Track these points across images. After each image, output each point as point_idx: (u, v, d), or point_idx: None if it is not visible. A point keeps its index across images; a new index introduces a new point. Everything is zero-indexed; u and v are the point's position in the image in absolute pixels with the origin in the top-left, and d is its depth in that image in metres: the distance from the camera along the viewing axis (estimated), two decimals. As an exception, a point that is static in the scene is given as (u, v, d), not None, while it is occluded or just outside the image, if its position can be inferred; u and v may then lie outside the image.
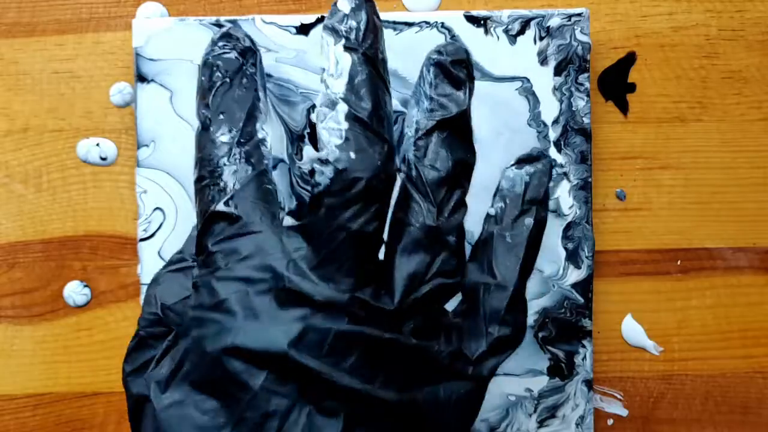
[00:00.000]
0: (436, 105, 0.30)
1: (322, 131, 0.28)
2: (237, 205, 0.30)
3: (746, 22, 0.40)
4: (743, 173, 0.41)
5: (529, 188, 0.31)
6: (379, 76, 0.29)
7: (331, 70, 0.29)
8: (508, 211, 0.31)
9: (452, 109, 0.30)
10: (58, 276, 0.41)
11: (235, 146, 0.30)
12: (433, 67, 0.30)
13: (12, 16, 0.41)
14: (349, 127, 0.28)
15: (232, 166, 0.30)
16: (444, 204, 0.29)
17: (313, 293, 0.28)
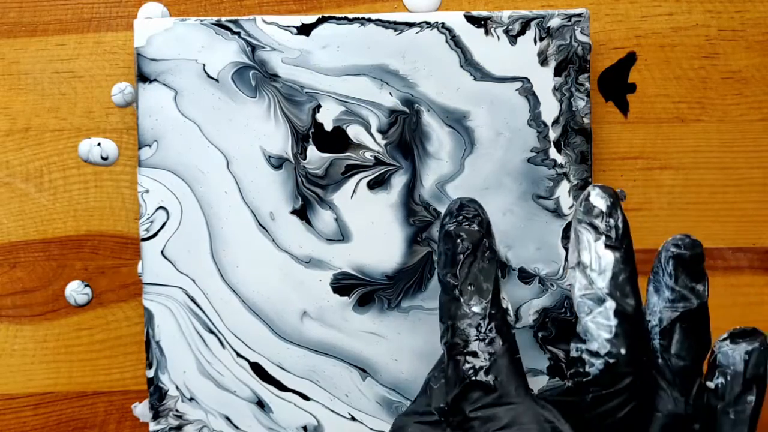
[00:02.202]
0: (677, 296, 0.32)
1: (590, 324, 0.30)
2: (495, 376, 0.32)
3: (746, 22, 0.40)
4: (743, 173, 0.41)
5: (749, 366, 0.32)
6: (636, 272, 0.31)
7: (593, 266, 0.31)
8: (730, 388, 0.32)
9: (694, 302, 0.32)
10: (59, 275, 0.41)
11: (488, 317, 0.32)
12: (673, 259, 0.32)
13: (13, 16, 0.41)
14: (618, 324, 0.30)
15: (486, 338, 0.32)
16: (689, 392, 0.31)
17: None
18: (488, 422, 0.31)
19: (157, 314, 0.39)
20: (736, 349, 0.32)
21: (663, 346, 0.31)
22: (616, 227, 0.31)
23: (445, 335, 0.33)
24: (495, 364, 0.32)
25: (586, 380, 0.30)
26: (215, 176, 0.39)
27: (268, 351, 0.39)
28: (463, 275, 0.33)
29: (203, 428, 0.40)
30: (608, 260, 0.30)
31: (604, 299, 0.30)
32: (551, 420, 0.30)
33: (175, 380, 0.40)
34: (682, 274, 0.32)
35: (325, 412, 0.40)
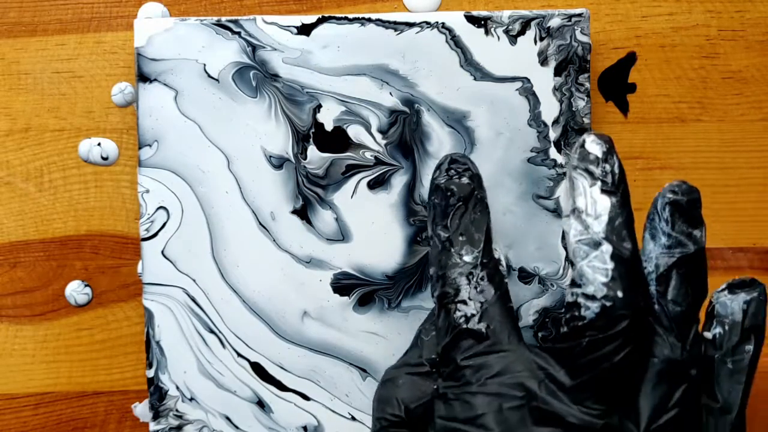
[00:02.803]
0: (674, 242, 0.31)
1: (586, 268, 0.30)
2: (487, 324, 0.32)
3: (746, 22, 0.40)
4: (743, 173, 0.41)
5: (747, 316, 0.32)
6: (632, 217, 0.31)
7: (589, 210, 0.30)
8: (728, 337, 0.32)
9: (691, 247, 0.31)
10: (59, 275, 0.41)
11: (479, 267, 0.32)
12: (669, 205, 0.32)
13: (13, 15, 0.41)
14: (614, 267, 0.29)
15: (477, 286, 0.32)
16: (686, 338, 0.31)
17: (568, 416, 0.29)
18: (480, 370, 0.31)
19: (157, 314, 0.39)
20: (734, 299, 0.32)
21: (659, 292, 0.31)
22: (612, 172, 0.30)
23: (436, 285, 0.33)
24: (487, 312, 0.32)
25: (582, 324, 0.30)
26: (216, 176, 0.39)
27: (268, 351, 0.40)
28: (454, 226, 0.33)
29: (203, 428, 0.40)
30: (604, 205, 0.30)
31: (600, 243, 0.30)
32: (545, 367, 0.30)
33: (175, 380, 0.40)
34: (679, 219, 0.31)
35: (325, 412, 0.40)
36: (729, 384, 0.32)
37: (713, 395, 0.32)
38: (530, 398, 0.30)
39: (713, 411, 0.32)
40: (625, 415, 0.30)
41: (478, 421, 0.30)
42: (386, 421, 0.33)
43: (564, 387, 0.30)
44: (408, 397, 0.33)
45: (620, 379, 0.30)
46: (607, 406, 0.29)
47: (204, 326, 0.39)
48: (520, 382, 0.30)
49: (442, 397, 0.32)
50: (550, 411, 0.29)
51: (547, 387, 0.30)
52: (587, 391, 0.29)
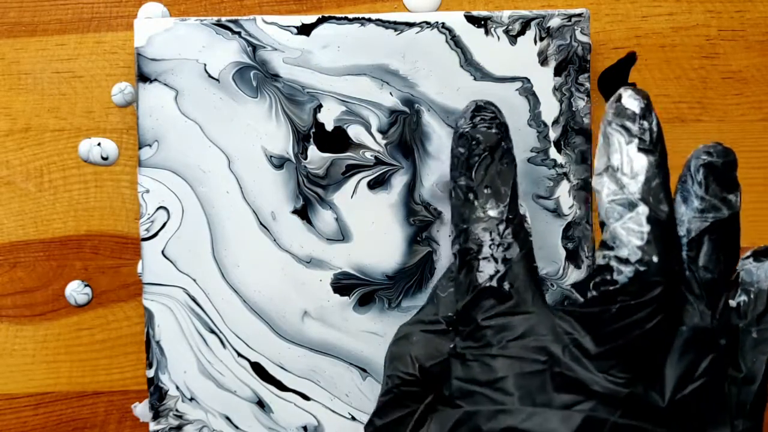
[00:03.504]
0: (707, 206, 0.30)
1: (620, 230, 0.28)
2: (510, 283, 0.30)
3: (746, 22, 0.40)
4: (743, 173, 0.41)
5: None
6: (669, 178, 0.30)
7: (625, 169, 0.29)
8: (753, 306, 0.31)
9: (724, 212, 0.30)
10: (59, 275, 0.41)
11: (504, 222, 0.31)
12: (703, 167, 0.31)
13: (13, 15, 0.41)
14: (650, 230, 0.28)
15: (502, 243, 0.31)
16: (716, 306, 0.30)
17: (592, 384, 0.28)
18: (502, 332, 0.29)
19: (157, 314, 0.39)
20: (760, 266, 0.31)
21: (691, 257, 0.30)
22: (651, 129, 0.29)
23: (457, 240, 0.31)
24: (510, 271, 0.30)
25: (614, 289, 0.28)
26: (216, 176, 0.39)
27: (268, 351, 0.40)
28: (479, 178, 0.31)
29: (203, 428, 0.40)
30: (641, 164, 0.29)
31: (636, 204, 0.28)
32: (570, 332, 0.29)
33: (175, 380, 0.40)
34: (713, 182, 0.30)
35: (325, 412, 0.40)
36: (753, 354, 0.30)
37: (737, 365, 0.30)
38: (553, 363, 0.28)
39: (736, 381, 0.30)
40: (650, 385, 0.29)
41: (498, 384, 0.29)
42: (398, 379, 0.32)
43: (589, 354, 0.28)
44: (423, 355, 0.32)
45: (649, 347, 0.28)
46: (632, 374, 0.28)
47: (204, 326, 0.39)
48: (544, 346, 0.29)
49: (459, 357, 0.30)
50: (573, 378, 0.28)
51: (571, 353, 0.28)
52: (613, 359, 0.28)
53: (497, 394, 0.29)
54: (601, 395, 0.28)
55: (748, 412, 0.30)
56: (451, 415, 0.30)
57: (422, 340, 0.32)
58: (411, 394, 0.31)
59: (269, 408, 0.40)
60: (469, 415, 0.29)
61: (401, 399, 0.32)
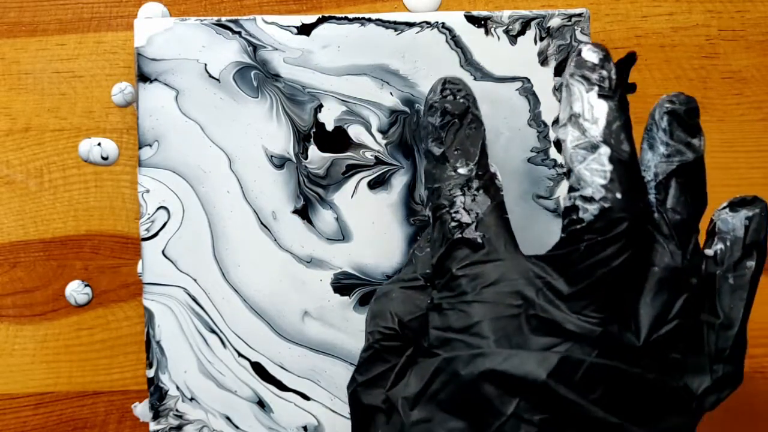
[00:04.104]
0: (673, 151, 0.31)
1: (584, 171, 0.29)
2: (482, 233, 0.31)
3: (746, 22, 0.41)
4: (743, 173, 0.41)
5: (749, 232, 0.32)
6: (630, 122, 0.30)
7: (586, 115, 0.30)
8: (729, 253, 0.32)
9: (689, 155, 0.31)
10: (59, 275, 0.41)
11: (474, 178, 0.32)
12: (667, 115, 0.31)
13: (14, 15, 0.41)
14: (613, 169, 0.29)
15: (472, 196, 0.32)
16: (686, 246, 0.30)
17: (566, 323, 0.28)
18: (476, 279, 0.30)
19: (157, 314, 0.39)
20: (735, 216, 0.32)
21: (659, 200, 0.31)
22: (609, 77, 0.30)
23: (431, 198, 0.33)
24: (482, 222, 0.31)
25: (580, 227, 0.29)
26: (217, 176, 0.39)
27: (269, 350, 0.40)
28: (449, 141, 0.32)
29: (203, 428, 0.40)
30: (602, 109, 0.30)
31: (597, 146, 0.29)
32: (542, 275, 0.29)
33: (175, 380, 0.40)
34: (678, 128, 0.31)
35: (325, 412, 0.40)
36: (730, 299, 0.31)
37: (714, 311, 0.31)
38: (527, 306, 0.29)
39: (714, 326, 0.31)
40: (625, 326, 0.29)
41: (473, 329, 0.29)
42: (379, 334, 0.32)
43: (562, 295, 0.29)
44: (402, 310, 0.32)
45: (619, 285, 0.29)
46: (606, 314, 0.29)
47: (205, 326, 0.39)
48: (517, 290, 0.29)
49: (436, 308, 0.31)
50: (547, 319, 0.29)
51: (544, 295, 0.29)
52: (586, 299, 0.29)
53: (474, 339, 0.29)
54: (575, 335, 0.28)
55: (727, 357, 0.31)
56: (430, 364, 0.30)
57: (401, 296, 0.33)
58: (391, 348, 0.32)
59: (269, 408, 0.40)
60: (447, 361, 0.29)
61: (382, 354, 0.32)
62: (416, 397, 0.30)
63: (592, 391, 0.28)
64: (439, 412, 0.29)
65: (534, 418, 0.28)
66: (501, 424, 0.28)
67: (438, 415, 0.29)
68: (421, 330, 0.32)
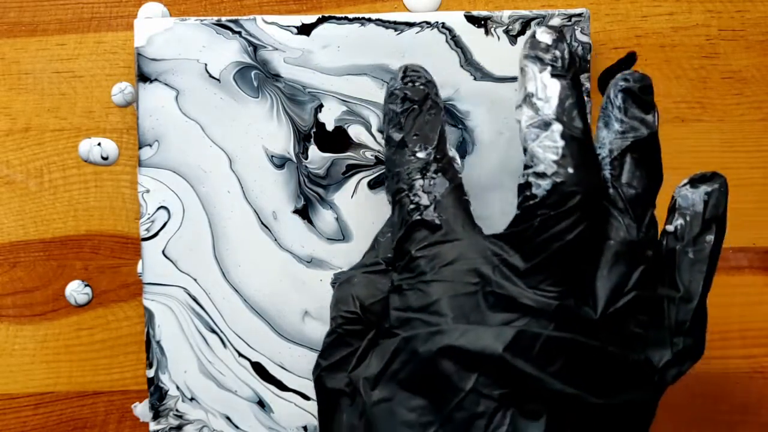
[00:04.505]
0: (627, 127, 0.32)
1: (537, 148, 0.30)
2: (439, 214, 0.32)
3: (746, 22, 0.41)
4: (743, 173, 0.41)
5: (708, 207, 0.32)
6: (584, 100, 0.31)
7: (539, 94, 0.30)
8: (689, 228, 0.32)
9: (643, 131, 0.31)
10: (59, 275, 0.41)
11: (432, 162, 0.33)
12: (622, 93, 0.32)
13: (13, 15, 0.41)
14: (565, 145, 0.29)
15: (431, 179, 0.32)
16: (641, 220, 0.31)
17: (522, 298, 0.29)
18: (434, 260, 0.31)
19: (157, 314, 0.39)
20: (695, 191, 0.32)
21: (613, 176, 0.31)
22: (563, 57, 0.30)
23: (391, 183, 0.33)
24: (440, 203, 0.32)
25: (534, 203, 0.29)
26: (218, 176, 0.39)
27: (269, 350, 0.40)
28: (408, 127, 0.33)
29: (203, 428, 0.40)
30: (554, 88, 0.30)
31: (550, 123, 0.30)
32: (499, 253, 0.30)
33: (175, 380, 0.40)
34: (632, 105, 0.32)
35: (325, 412, 0.40)
36: (690, 273, 0.32)
37: (675, 285, 0.32)
38: (485, 283, 0.29)
39: (674, 300, 0.31)
40: (582, 300, 0.30)
41: (432, 308, 0.30)
42: (341, 318, 0.33)
43: (518, 271, 0.29)
44: (364, 294, 0.33)
45: (575, 259, 0.29)
46: (562, 288, 0.29)
47: (205, 326, 0.39)
48: (475, 268, 0.30)
49: (396, 289, 0.32)
50: (504, 295, 0.29)
51: (501, 272, 0.29)
52: (541, 274, 0.29)
53: (432, 317, 0.30)
54: (532, 310, 0.29)
55: (687, 330, 0.31)
56: (390, 345, 0.30)
57: (363, 281, 0.34)
58: (354, 332, 0.33)
59: (270, 408, 0.40)
60: (406, 340, 0.30)
61: (344, 338, 0.33)
62: (377, 377, 0.30)
63: (551, 364, 0.28)
64: (400, 391, 0.30)
65: (493, 392, 0.28)
66: (460, 400, 0.28)
67: (399, 393, 0.30)
68: (383, 313, 0.32)
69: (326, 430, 0.32)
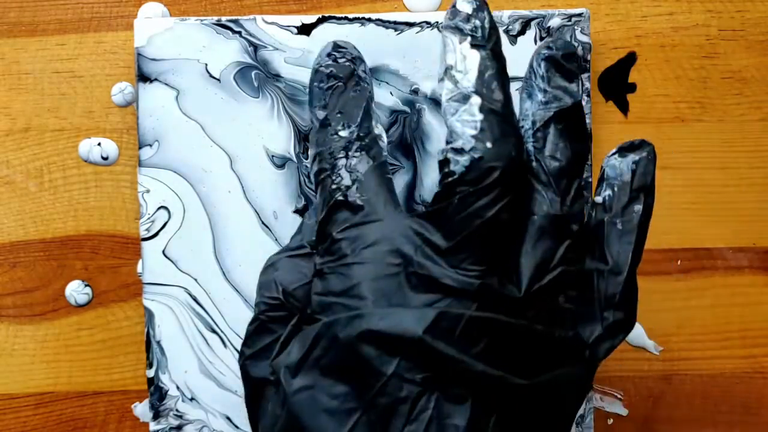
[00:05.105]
0: (551, 97, 0.30)
1: (455, 123, 0.29)
2: (361, 194, 0.31)
3: (746, 22, 0.41)
4: (743, 173, 0.41)
5: (636, 176, 0.31)
6: (505, 72, 0.30)
7: (459, 66, 0.29)
8: (617, 198, 0.31)
9: (567, 101, 0.30)
10: (59, 275, 0.41)
11: (355, 140, 0.32)
12: (545, 61, 0.31)
13: (13, 15, 0.41)
14: (483, 118, 0.28)
15: (353, 159, 0.31)
16: (566, 193, 0.30)
17: (444, 278, 0.28)
18: (355, 241, 0.30)
19: (158, 314, 0.39)
20: (623, 161, 0.31)
21: (537, 148, 0.30)
22: (483, 27, 0.29)
23: (314, 163, 0.32)
24: (362, 184, 0.31)
25: (452, 180, 0.28)
26: (218, 176, 0.39)
27: (269, 350, 0.39)
28: (332, 105, 0.32)
29: (203, 428, 0.40)
30: (474, 59, 0.29)
31: (469, 96, 0.29)
32: (420, 232, 0.29)
33: (175, 380, 0.40)
34: (555, 74, 0.31)
35: (325, 412, 0.40)
36: (619, 245, 0.31)
37: (603, 258, 0.31)
38: (406, 264, 0.28)
39: (603, 273, 0.30)
40: (506, 277, 0.29)
41: (353, 291, 0.29)
42: (264, 305, 0.32)
43: (440, 250, 0.28)
44: (287, 279, 0.32)
45: (496, 236, 0.28)
46: (485, 267, 0.28)
47: (205, 326, 0.39)
48: (396, 248, 0.29)
49: (318, 273, 0.30)
50: (425, 275, 0.28)
51: (423, 251, 0.28)
52: (463, 252, 0.28)
53: (353, 301, 0.29)
54: (454, 290, 0.28)
55: (617, 303, 0.30)
56: (311, 331, 0.29)
57: (287, 265, 0.32)
58: (277, 318, 0.32)
59: (270, 408, 0.40)
60: (327, 325, 0.29)
61: (267, 325, 0.32)
62: (298, 365, 0.29)
63: (474, 345, 0.28)
64: (322, 378, 0.29)
65: (416, 377, 0.27)
66: (382, 385, 0.27)
67: (321, 381, 0.29)
68: (307, 298, 0.31)
69: (253, 420, 0.31)
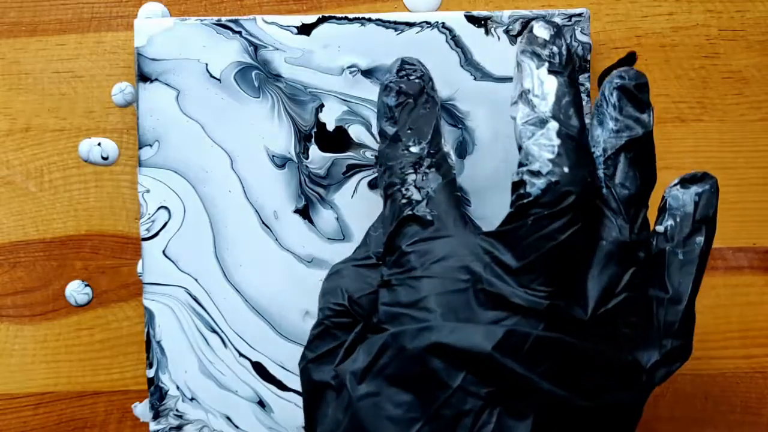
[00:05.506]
0: (622, 126, 0.31)
1: (532, 146, 0.29)
2: (431, 210, 0.31)
3: (747, 22, 0.41)
4: (743, 173, 0.41)
5: (699, 208, 0.32)
6: (581, 99, 0.30)
7: (536, 91, 0.30)
8: (679, 229, 0.32)
9: (638, 131, 0.31)
10: (59, 275, 0.41)
11: (426, 157, 0.32)
12: (617, 90, 0.31)
13: (13, 15, 0.41)
14: (561, 143, 0.29)
15: (424, 175, 0.32)
16: (634, 221, 0.31)
17: (513, 297, 0.29)
18: (424, 255, 0.30)
19: (158, 314, 0.39)
20: (686, 192, 0.32)
21: (607, 175, 0.31)
22: (560, 53, 0.30)
23: (383, 177, 0.33)
24: (432, 199, 0.32)
25: (527, 201, 0.29)
26: (219, 175, 0.39)
27: (270, 350, 0.39)
28: (403, 121, 0.33)
29: (203, 428, 0.40)
30: (551, 84, 0.30)
31: (546, 121, 0.29)
32: (490, 250, 0.29)
33: (175, 380, 0.40)
34: (627, 104, 0.31)
35: (325, 412, 0.40)
36: (679, 275, 0.31)
37: (664, 286, 0.31)
38: (475, 281, 0.29)
39: (663, 301, 0.31)
40: (573, 299, 0.29)
41: (421, 304, 0.30)
42: (329, 310, 0.33)
43: (510, 269, 0.29)
44: (353, 287, 0.33)
45: (567, 259, 0.29)
46: (553, 288, 0.29)
47: (206, 325, 0.39)
48: (465, 265, 0.30)
49: (386, 284, 0.31)
50: (494, 293, 0.29)
51: (492, 270, 0.29)
52: (533, 273, 0.29)
53: (421, 313, 0.29)
54: (523, 309, 0.28)
55: (675, 331, 0.31)
56: (378, 340, 0.30)
57: (353, 274, 0.33)
58: (341, 325, 0.32)
59: (270, 408, 0.40)
60: (394, 336, 0.29)
61: (332, 330, 0.33)
62: (364, 372, 0.30)
63: (539, 364, 0.28)
64: (387, 386, 0.29)
65: (481, 390, 0.28)
66: (448, 397, 0.28)
67: (385, 389, 0.29)
68: (372, 307, 0.32)
69: (311, 423, 0.32)
